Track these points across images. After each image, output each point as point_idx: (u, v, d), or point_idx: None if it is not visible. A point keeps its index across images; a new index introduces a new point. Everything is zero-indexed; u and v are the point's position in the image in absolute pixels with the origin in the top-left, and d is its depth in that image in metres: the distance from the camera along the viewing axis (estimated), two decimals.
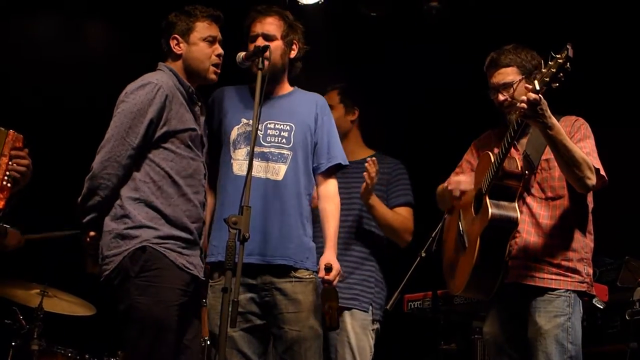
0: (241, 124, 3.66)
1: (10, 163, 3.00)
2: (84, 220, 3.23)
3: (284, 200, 3.56)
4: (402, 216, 4.35)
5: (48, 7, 5.76)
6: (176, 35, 3.43)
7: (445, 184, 3.71)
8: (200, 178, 3.38)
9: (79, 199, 3.21)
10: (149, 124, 3.22)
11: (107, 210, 3.20)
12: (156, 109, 3.23)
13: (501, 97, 3.58)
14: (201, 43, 3.42)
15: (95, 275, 3.29)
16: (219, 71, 3.46)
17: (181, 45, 3.42)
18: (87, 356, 4.93)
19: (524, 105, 3.24)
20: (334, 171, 3.75)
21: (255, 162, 3.53)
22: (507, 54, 3.61)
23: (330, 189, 3.73)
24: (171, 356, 3.12)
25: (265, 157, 3.58)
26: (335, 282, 3.54)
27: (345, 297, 4.11)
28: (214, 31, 3.45)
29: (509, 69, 3.57)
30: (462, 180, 3.67)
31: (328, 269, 3.51)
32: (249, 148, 3.38)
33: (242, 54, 3.52)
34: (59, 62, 5.68)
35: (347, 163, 3.78)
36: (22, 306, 4.96)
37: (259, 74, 3.31)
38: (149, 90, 3.25)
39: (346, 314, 4.20)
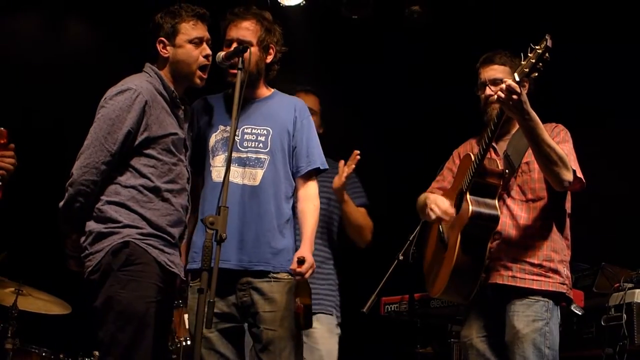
0: (219, 131, 3.63)
1: None
2: (66, 225, 3.23)
3: (260, 206, 3.53)
4: (364, 214, 4.43)
5: (28, 5, 5.71)
6: (162, 39, 3.37)
7: (428, 201, 3.67)
8: (183, 182, 3.35)
9: (61, 204, 3.20)
10: (128, 131, 3.19)
11: (87, 213, 3.19)
12: (135, 115, 3.20)
13: (488, 91, 3.61)
14: (187, 45, 3.36)
15: (72, 273, 3.29)
16: (205, 76, 3.41)
17: (167, 48, 3.36)
18: (62, 356, 4.90)
19: (501, 93, 3.26)
20: (314, 174, 3.71)
21: (233, 168, 3.50)
22: (502, 55, 3.67)
23: (310, 191, 3.68)
24: (150, 353, 3.08)
25: (242, 163, 3.56)
26: (307, 275, 3.44)
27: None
28: (200, 32, 3.38)
29: (502, 67, 3.63)
30: (448, 210, 3.59)
31: (301, 261, 3.42)
32: (227, 154, 3.34)
33: (222, 54, 3.50)
34: (38, 61, 5.64)
35: (327, 167, 3.73)
36: None
37: (238, 75, 3.30)
38: (128, 97, 3.21)
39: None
